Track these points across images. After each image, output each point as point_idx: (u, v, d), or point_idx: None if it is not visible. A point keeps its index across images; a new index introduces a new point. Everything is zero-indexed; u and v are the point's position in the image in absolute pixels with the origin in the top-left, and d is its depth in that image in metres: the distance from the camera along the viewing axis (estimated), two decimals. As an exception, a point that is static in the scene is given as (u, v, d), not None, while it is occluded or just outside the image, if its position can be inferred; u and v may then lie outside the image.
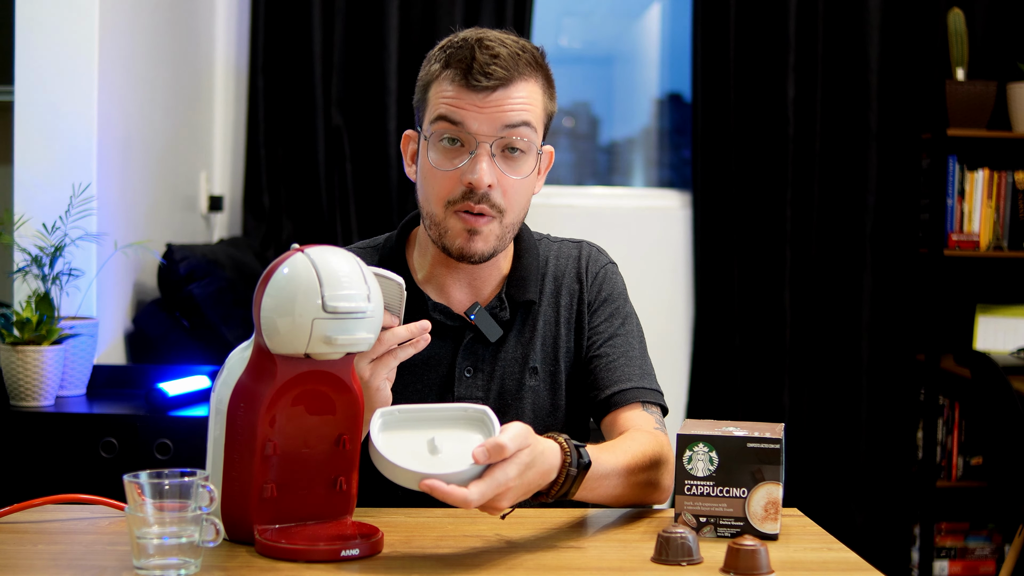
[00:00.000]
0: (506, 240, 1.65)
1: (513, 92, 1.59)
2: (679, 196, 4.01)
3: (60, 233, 2.51)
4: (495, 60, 1.58)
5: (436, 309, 1.67)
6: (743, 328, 3.85)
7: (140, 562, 1.24)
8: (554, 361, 1.71)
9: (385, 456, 1.30)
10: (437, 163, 1.61)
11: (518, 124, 1.59)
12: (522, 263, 1.72)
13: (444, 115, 1.59)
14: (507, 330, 1.69)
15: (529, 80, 1.61)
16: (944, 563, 3.85)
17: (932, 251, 3.78)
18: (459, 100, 1.59)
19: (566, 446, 1.40)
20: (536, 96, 1.62)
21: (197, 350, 2.92)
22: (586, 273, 1.75)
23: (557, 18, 4.23)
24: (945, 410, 3.85)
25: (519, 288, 1.70)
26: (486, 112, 1.58)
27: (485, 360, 1.68)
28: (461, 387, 1.67)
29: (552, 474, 1.38)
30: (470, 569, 1.30)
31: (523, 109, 1.59)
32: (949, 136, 3.74)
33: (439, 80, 1.62)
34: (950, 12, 3.75)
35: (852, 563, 1.37)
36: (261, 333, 1.32)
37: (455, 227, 1.61)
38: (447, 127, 1.59)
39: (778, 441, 1.42)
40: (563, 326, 1.72)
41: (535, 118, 1.62)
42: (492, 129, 1.58)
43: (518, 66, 1.59)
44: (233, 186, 3.79)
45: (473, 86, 1.58)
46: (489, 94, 1.58)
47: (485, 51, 1.59)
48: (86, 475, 2.33)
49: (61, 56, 2.66)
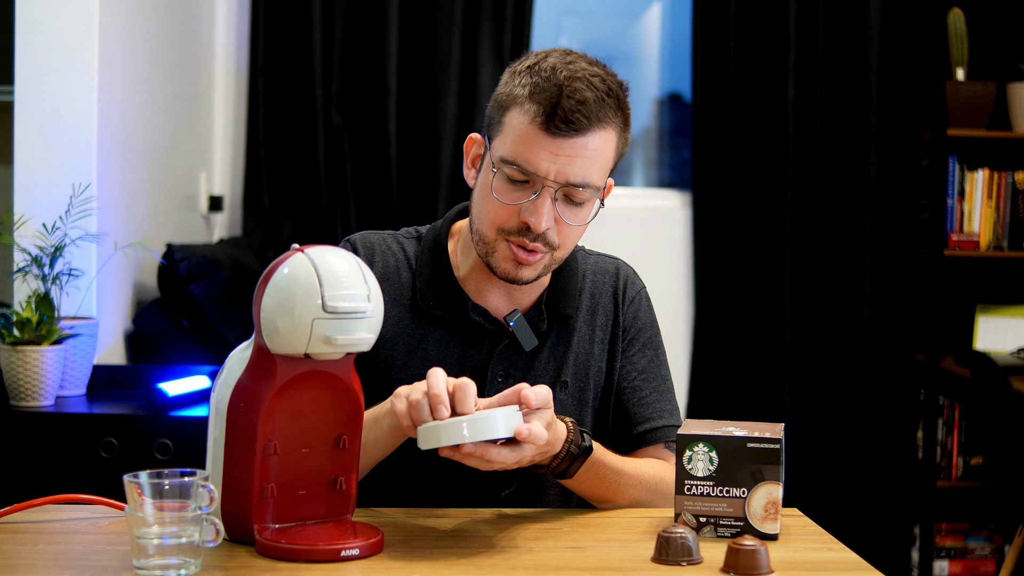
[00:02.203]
0: (552, 268, 1.65)
1: (590, 142, 1.55)
2: (679, 196, 4.01)
3: (60, 233, 2.51)
4: (580, 107, 1.54)
5: (476, 311, 1.66)
6: (743, 328, 3.85)
7: (140, 562, 1.24)
8: (584, 378, 1.71)
9: (434, 424, 1.33)
10: (499, 193, 1.58)
11: (584, 181, 1.56)
12: (563, 276, 1.72)
13: (516, 160, 1.56)
14: (542, 341, 1.68)
15: (607, 128, 1.57)
16: (944, 563, 3.85)
17: (932, 251, 3.78)
18: (534, 144, 1.54)
19: (571, 426, 1.50)
20: (609, 145, 1.58)
21: (197, 350, 2.92)
22: (623, 297, 1.75)
23: (557, 18, 4.23)
24: (945, 410, 3.85)
25: (559, 302, 1.70)
26: (558, 160, 1.54)
27: (518, 368, 1.67)
28: (492, 391, 1.64)
29: (558, 445, 1.47)
30: (470, 569, 1.30)
31: (592, 165, 1.56)
32: (949, 136, 3.74)
33: (519, 108, 1.57)
34: (950, 12, 3.75)
35: (852, 563, 1.37)
36: (261, 333, 1.32)
37: (503, 252, 1.60)
38: (516, 172, 1.56)
39: (778, 441, 1.42)
40: (596, 345, 1.72)
41: (602, 171, 1.59)
42: (560, 177, 1.55)
43: (600, 114, 1.55)
44: (233, 186, 3.79)
45: (553, 132, 1.54)
46: (565, 140, 1.54)
47: (572, 96, 1.54)
48: (86, 475, 2.33)
49: (61, 56, 2.66)
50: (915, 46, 3.84)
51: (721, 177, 3.84)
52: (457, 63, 3.70)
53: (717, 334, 3.86)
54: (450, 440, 1.33)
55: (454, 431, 1.33)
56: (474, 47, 3.71)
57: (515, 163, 1.56)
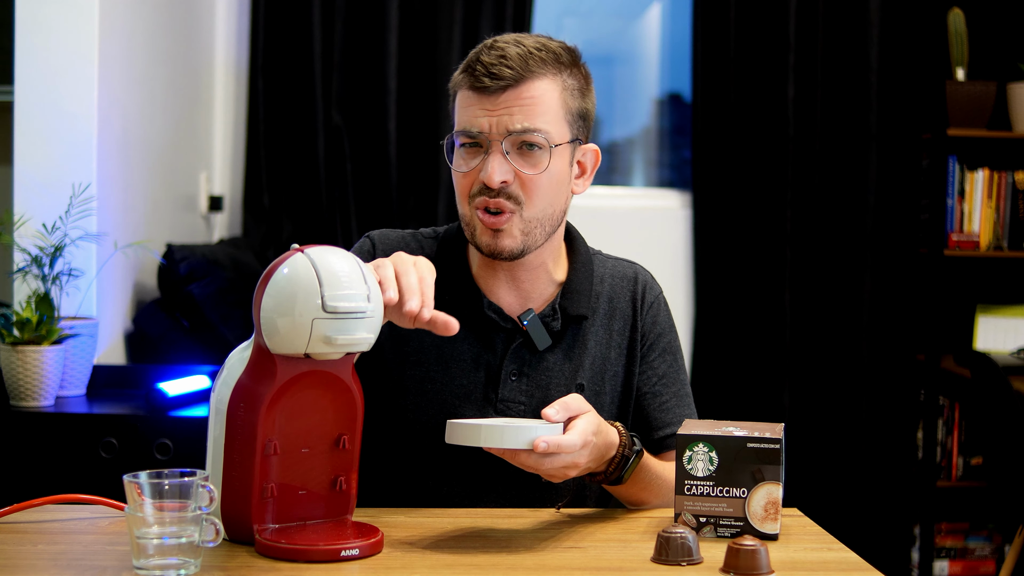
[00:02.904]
0: (535, 236, 1.62)
1: (523, 92, 1.58)
2: (679, 196, 4.01)
3: (60, 233, 2.51)
4: (502, 60, 1.58)
5: (491, 308, 1.67)
6: (743, 328, 3.85)
7: (140, 562, 1.24)
8: (600, 382, 1.71)
9: (478, 423, 1.37)
10: (457, 165, 1.63)
11: (525, 126, 1.58)
12: (577, 276, 1.71)
13: (460, 129, 1.61)
14: (556, 341, 1.68)
15: (543, 78, 1.59)
16: (944, 563, 3.85)
17: (932, 251, 3.78)
18: (472, 107, 1.60)
19: (623, 429, 1.53)
20: (551, 94, 1.60)
21: (197, 350, 2.92)
22: (642, 302, 1.75)
23: (557, 18, 4.23)
24: (945, 410, 3.85)
25: (573, 301, 1.69)
26: (495, 114, 1.58)
27: (531, 367, 1.67)
28: (506, 389, 1.66)
29: (612, 450, 1.49)
30: (470, 569, 1.30)
31: (532, 111, 1.58)
32: (949, 136, 3.74)
33: (458, 87, 1.64)
34: (950, 12, 3.75)
35: (852, 563, 1.37)
36: (261, 333, 1.32)
37: (480, 225, 1.61)
38: (464, 138, 1.61)
39: (778, 441, 1.42)
40: (614, 350, 1.72)
41: (548, 116, 1.59)
42: (501, 129, 1.57)
43: (528, 65, 1.58)
44: (233, 186, 3.79)
45: (479, 88, 1.58)
46: (498, 95, 1.58)
47: (494, 52, 1.60)
48: (86, 475, 2.33)
49: (61, 56, 2.66)
50: (915, 46, 3.84)
51: (721, 177, 3.84)
52: (457, 63, 3.68)
53: (717, 334, 3.86)
54: (468, 441, 1.37)
55: (471, 432, 1.37)
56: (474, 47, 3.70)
57: (461, 131, 1.60)
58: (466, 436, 1.37)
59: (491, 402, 1.65)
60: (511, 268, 1.67)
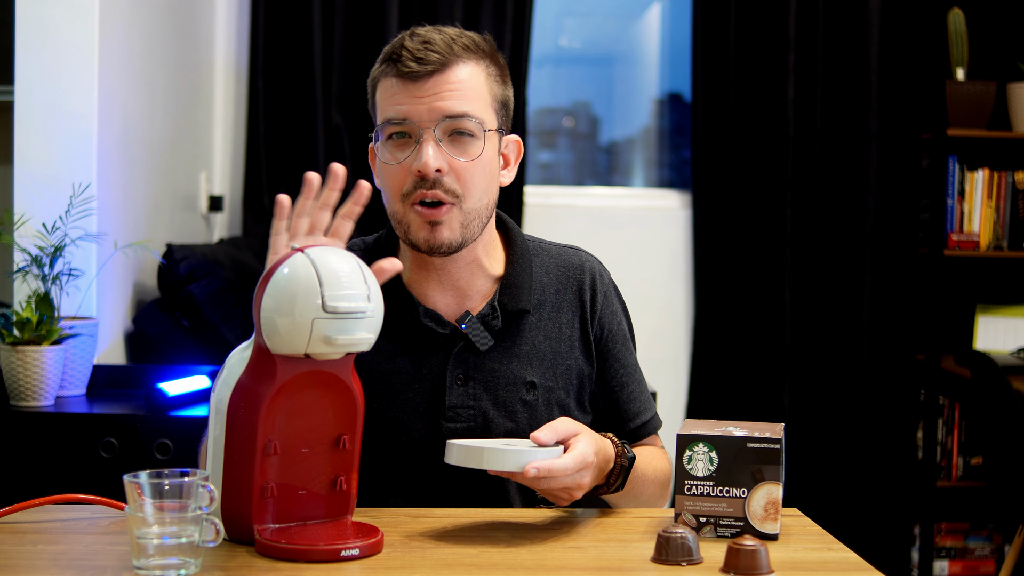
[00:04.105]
0: (473, 228, 1.59)
1: (451, 76, 1.55)
2: (679, 196, 4.01)
3: (60, 233, 2.51)
4: (426, 46, 1.56)
5: (427, 316, 1.62)
6: (743, 328, 3.85)
7: (140, 562, 1.24)
8: (552, 376, 1.66)
9: (480, 445, 1.40)
10: (387, 159, 1.59)
11: (458, 111, 1.55)
12: (515, 270, 1.66)
13: (388, 117, 1.58)
14: (498, 340, 1.63)
15: (468, 63, 1.57)
16: (944, 563, 3.85)
17: (932, 251, 3.78)
18: (398, 95, 1.57)
19: (616, 439, 1.54)
20: (478, 79, 1.58)
21: (197, 350, 2.92)
22: (593, 292, 1.70)
23: (557, 18, 4.23)
24: (945, 410, 3.85)
25: (512, 296, 1.64)
26: (424, 100, 1.55)
27: (476, 369, 1.62)
28: (453, 396, 1.61)
29: (611, 463, 1.51)
30: (470, 569, 1.30)
31: (462, 95, 1.56)
32: (949, 136, 3.74)
33: (380, 81, 1.61)
34: (950, 12, 3.75)
35: (852, 563, 1.37)
36: (261, 333, 1.32)
37: (415, 221, 1.57)
38: (392, 126, 1.57)
39: (778, 441, 1.42)
40: (563, 343, 1.67)
41: (479, 101, 1.57)
42: (433, 115, 1.55)
43: (452, 50, 1.56)
44: (233, 186, 3.79)
45: (406, 74, 1.55)
46: (425, 80, 1.55)
47: (416, 39, 1.58)
48: (86, 475, 2.33)
49: (61, 56, 2.66)
50: (915, 46, 3.84)
51: (721, 177, 3.84)
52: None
53: (717, 334, 3.86)
54: (460, 462, 1.40)
55: (473, 454, 1.40)
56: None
57: (388, 120, 1.57)
58: (467, 458, 1.39)
59: (440, 411, 1.61)
60: (444, 266, 1.62)
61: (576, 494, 1.46)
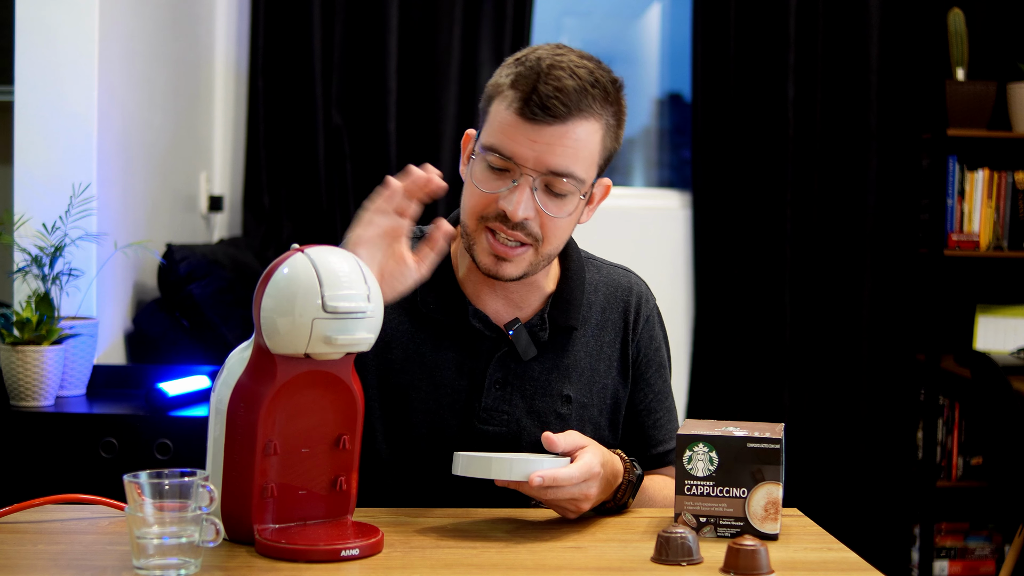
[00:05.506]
0: (540, 266, 1.60)
1: (570, 131, 1.52)
2: (679, 196, 4.01)
3: (60, 233, 2.51)
4: (558, 94, 1.50)
5: (476, 316, 1.63)
6: (743, 328, 3.85)
7: (140, 562, 1.24)
8: (588, 393, 1.67)
9: (487, 456, 1.43)
10: (480, 181, 1.56)
11: (564, 170, 1.53)
12: (569, 285, 1.67)
13: (495, 146, 1.53)
14: (542, 351, 1.64)
15: (590, 119, 1.53)
16: (944, 563, 3.85)
17: (932, 251, 3.79)
18: (513, 131, 1.52)
19: (624, 456, 1.56)
20: (594, 137, 1.54)
21: (197, 350, 2.92)
22: (636, 316, 1.72)
23: (557, 18, 4.23)
24: (945, 410, 3.85)
25: (563, 312, 1.65)
26: (536, 148, 1.51)
27: (516, 376, 1.63)
28: (489, 398, 1.62)
29: (619, 478, 1.52)
30: (470, 569, 1.30)
31: (574, 155, 1.53)
32: (949, 136, 3.74)
33: (502, 97, 1.55)
34: (950, 12, 3.75)
35: (852, 563, 1.37)
36: (261, 333, 1.32)
37: (483, 244, 1.57)
38: (496, 159, 1.54)
39: (778, 441, 1.42)
40: (603, 362, 1.69)
41: (587, 160, 1.55)
42: (539, 166, 1.52)
43: (581, 103, 1.52)
44: (233, 186, 3.79)
45: (529, 118, 1.51)
46: (544, 128, 1.51)
47: (550, 82, 1.51)
48: (86, 475, 2.33)
49: (61, 56, 2.66)
50: (915, 46, 3.84)
51: (721, 177, 3.84)
52: (457, 63, 3.70)
53: (717, 334, 3.86)
54: (467, 472, 1.43)
55: (481, 464, 1.43)
56: (474, 47, 3.71)
57: (494, 149, 1.53)
58: (473, 468, 1.42)
59: (474, 411, 1.62)
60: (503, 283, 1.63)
61: (583, 506, 1.46)
